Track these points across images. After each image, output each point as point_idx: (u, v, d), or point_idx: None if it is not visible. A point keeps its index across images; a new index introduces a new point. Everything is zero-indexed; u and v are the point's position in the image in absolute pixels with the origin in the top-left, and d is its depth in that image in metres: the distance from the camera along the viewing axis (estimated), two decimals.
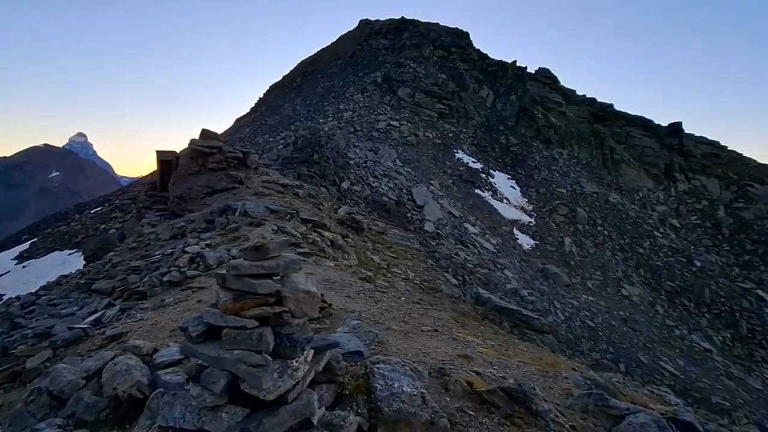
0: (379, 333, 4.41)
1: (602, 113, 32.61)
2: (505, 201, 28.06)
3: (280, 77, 50.73)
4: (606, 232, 25.33)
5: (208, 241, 9.38)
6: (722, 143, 31.24)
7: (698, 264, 23.73)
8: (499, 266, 21.15)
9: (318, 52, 50.22)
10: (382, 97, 32.76)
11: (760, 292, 22.30)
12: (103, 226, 26.40)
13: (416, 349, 4.19)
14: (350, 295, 6.37)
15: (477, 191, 27.55)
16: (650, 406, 4.12)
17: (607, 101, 34.30)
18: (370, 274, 8.96)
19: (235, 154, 15.50)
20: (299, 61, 51.26)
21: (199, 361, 2.48)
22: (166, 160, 16.02)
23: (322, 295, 5.34)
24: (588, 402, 3.25)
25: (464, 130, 32.83)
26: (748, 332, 20.49)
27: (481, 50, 39.24)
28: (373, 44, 40.84)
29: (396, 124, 30.03)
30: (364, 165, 24.89)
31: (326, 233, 11.38)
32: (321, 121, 30.08)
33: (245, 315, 2.36)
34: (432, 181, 25.69)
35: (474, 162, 30.06)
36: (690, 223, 26.48)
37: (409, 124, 30.41)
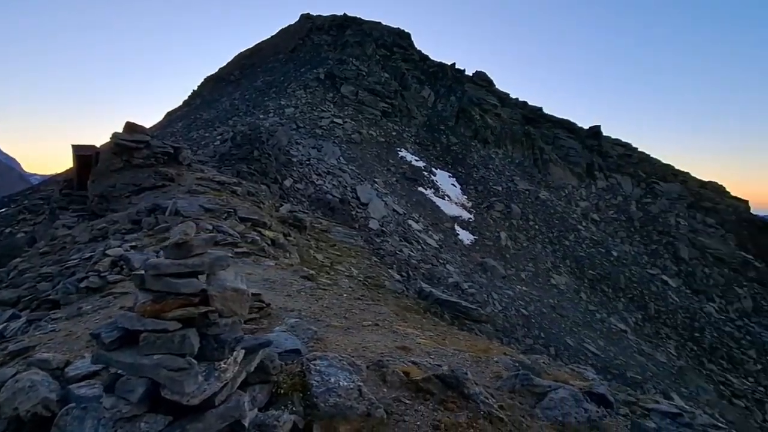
0: (319, 330, 4.38)
1: (533, 116, 34.98)
2: (446, 198, 29.03)
3: (216, 69, 48.14)
4: (537, 227, 27.19)
5: (133, 243, 8.69)
6: (634, 145, 35.04)
7: (615, 254, 26.35)
8: (441, 261, 21.84)
9: (257, 44, 48.34)
10: (326, 93, 32.37)
11: (664, 276, 25.28)
12: (8, 230, 23.32)
13: (356, 343, 4.21)
14: (291, 294, 6.24)
15: (420, 189, 28.22)
16: (570, 382, 4.51)
17: (536, 105, 36.85)
18: (312, 272, 8.84)
19: (165, 149, 14.45)
20: (237, 54, 49.00)
21: (115, 370, 2.29)
22: (83, 155, 14.54)
23: (259, 294, 5.18)
24: (515, 382, 3.49)
25: (407, 129, 33.46)
26: (655, 313, 23.13)
27: (422, 51, 40.24)
28: (315, 40, 40.17)
29: (340, 121, 29.84)
30: (308, 162, 24.45)
31: (267, 232, 11.03)
32: (261, 116, 29.03)
33: (166, 317, 2.22)
34: (376, 179, 25.89)
35: (417, 160, 30.75)
36: (608, 217, 29.34)
37: (353, 122, 30.37)
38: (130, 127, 14.49)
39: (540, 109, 36.19)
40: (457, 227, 26.54)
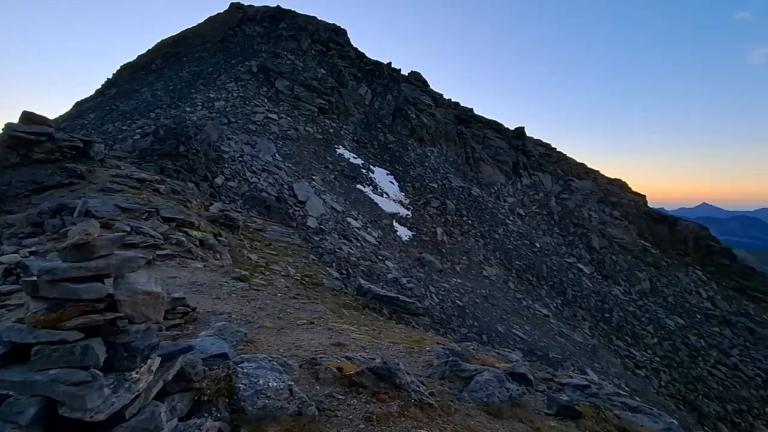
0: (250, 332, 4.22)
1: (464, 116, 36.71)
2: (384, 195, 29.41)
3: (135, 57, 43.96)
4: (470, 222, 28.59)
5: (33, 248, 7.69)
6: (553, 145, 38.27)
7: (538, 245, 28.59)
8: (380, 258, 22.11)
9: (182, 32, 44.95)
10: (259, 87, 31.11)
11: (579, 264, 27.95)
12: None
13: (289, 343, 4.12)
14: (220, 296, 5.93)
15: (358, 186, 28.27)
16: (496, 365, 4.83)
17: (468, 105, 38.71)
18: (245, 273, 8.47)
19: (73, 142, 12.92)
20: (159, 41, 45.16)
21: (3, 391, 2.00)
22: None
23: (184, 298, 4.85)
24: (445, 369, 3.65)
25: (345, 127, 33.31)
26: (572, 297, 25.50)
27: (358, 49, 40.26)
28: (246, 31, 38.37)
29: (275, 117, 28.87)
30: (241, 159, 23.36)
31: (194, 232, 10.35)
32: (188, 109, 27.14)
33: (65, 326, 1.99)
34: (314, 177, 25.47)
35: (355, 158, 30.76)
36: (531, 212, 31.77)
37: (289, 118, 29.56)
38: (27, 117, 12.74)
39: (471, 110, 38.09)
40: (395, 224, 27.01)
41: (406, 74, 38.73)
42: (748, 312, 27.66)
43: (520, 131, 37.34)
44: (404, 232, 26.73)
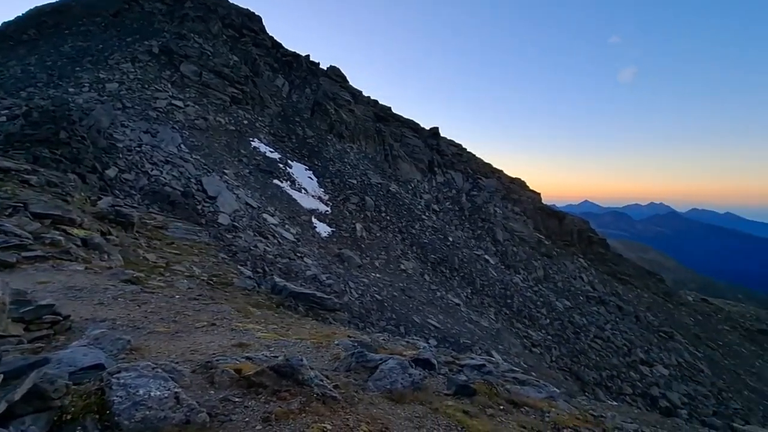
0: (136, 338, 3.80)
1: (383, 114, 37.43)
2: (303, 191, 28.77)
3: (0, 24, 36.76)
4: (388, 218, 29.31)
5: None
6: (464, 145, 40.93)
7: (451, 239, 30.40)
8: (299, 255, 21.61)
9: (65, 0, 38.76)
10: (161, 71, 28.19)
11: (486, 256, 30.35)
12: None
13: (184, 347, 3.80)
14: (103, 301, 5.25)
15: (275, 181, 27.26)
16: (403, 353, 5.01)
17: (386, 104, 39.53)
18: (139, 274, 7.62)
19: None
20: (34, 7, 38.33)
21: None
22: None
23: (53, 305, 4.19)
24: (351, 361, 3.68)
25: (260, 119, 31.80)
26: (480, 287, 27.60)
27: (275, 38, 38.64)
28: (145, 6, 34.43)
29: (180, 104, 26.42)
30: (139, 149, 20.98)
31: (76, 231, 9.02)
32: (72, 90, 23.60)
33: None
34: (226, 170, 23.91)
35: (271, 152, 29.57)
36: (445, 208, 33.67)
37: (197, 106, 27.29)
38: None
39: (389, 108, 38.95)
40: (314, 220, 26.61)
41: (325, 68, 38.20)
42: (617, 292, 32.67)
43: (434, 131, 39.21)
44: (323, 229, 26.47)
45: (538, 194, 40.58)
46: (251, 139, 29.29)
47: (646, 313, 31.43)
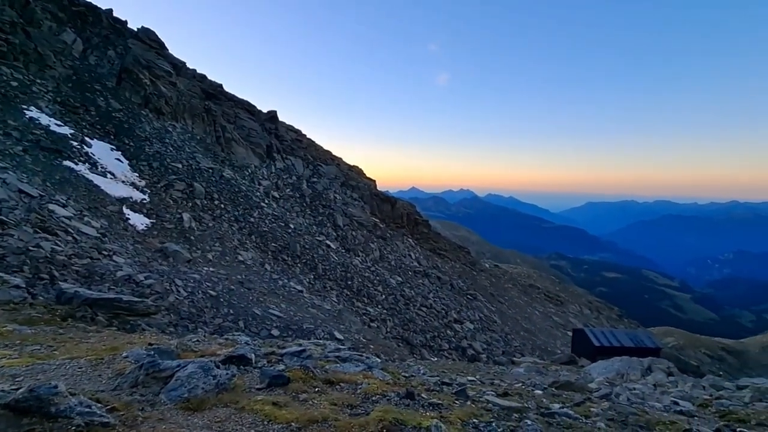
0: None
1: (213, 91, 33.84)
2: (110, 176, 24.00)
3: None
4: (222, 206, 27.06)
5: None
6: (303, 131, 40.68)
7: (292, 226, 30.11)
8: (105, 253, 18.09)
9: None
10: None
11: (327, 241, 31.25)
12: None
13: None
14: None
15: (68, 163, 21.96)
16: (217, 353, 4.74)
17: (216, 81, 35.85)
18: None
19: None
20: None
21: None
22: None
23: None
24: (139, 374, 3.25)
25: (40, 82, 24.80)
26: (323, 271, 28.34)
27: None
28: None
29: None
30: None
31: None
32: None
33: None
34: None
35: (60, 125, 23.53)
36: (285, 195, 33.00)
37: None
38: None
39: (220, 85, 35.45)
40: (126, 210, 22.59)
41: (136, 30, 32.09)
42: (437, 265, 38.25)
43: (272, 114, 37.64)
44: (140, 220, 22.76)
45: (374, 181, 43.70)
46: (26, 107, 22.68)
47: (457, 281, 37.77)
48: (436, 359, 24.72)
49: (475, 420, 4.37)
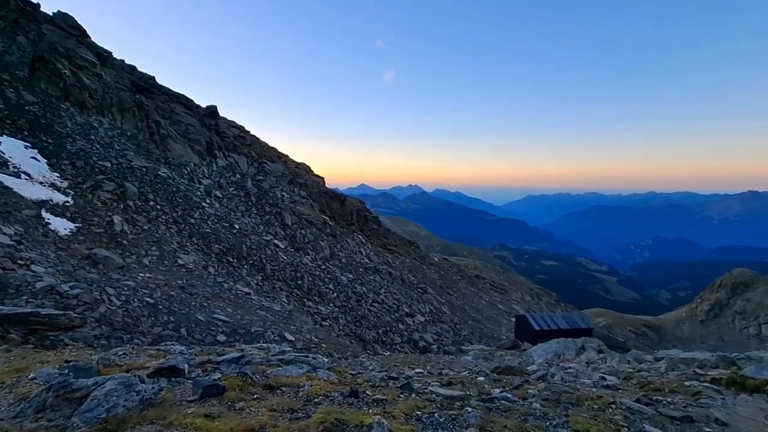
0: None
1: (144, 84, 31.38)
2: (24, 176, 21.62)
3: None
4: (159, 207, 25.34)
5: None
6: (247, 128, 39.07)
7: (237, 226, 28.89)
8: (21, 262, 16.30)
9: None
10: None
11: (276, 241, 30.38)
12: None
13: None
14: None
15: None
16: (146, 365, 4.41)
17: (148, 72, 33.32)
18: None
19: None
20: None
21: None
22: None
23: None
24: (47, 396, 2.93)
25: None
26: (271, 272, 27.53)
27: None
28: None
29: None
30: None
31: None
32: None
33: None
34: None
35: None
36: (229, 194, 31.56)
37: None
38: None
39: (153, 78, 32.98)
40: (46, 214, 20.47)
41: (51, 14, 28.91)
42: (388, 261, 38.65)
43: (212, 110, 35.73)
44: (62, 225, 20.73)
45: (322, 179, 43.11)
46: None
47: (408, 275, 38.44)
48: (388, 353, 25.02)
49: (418, 412, 4.46)
